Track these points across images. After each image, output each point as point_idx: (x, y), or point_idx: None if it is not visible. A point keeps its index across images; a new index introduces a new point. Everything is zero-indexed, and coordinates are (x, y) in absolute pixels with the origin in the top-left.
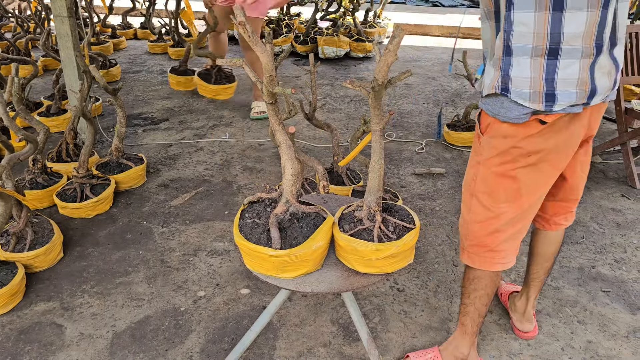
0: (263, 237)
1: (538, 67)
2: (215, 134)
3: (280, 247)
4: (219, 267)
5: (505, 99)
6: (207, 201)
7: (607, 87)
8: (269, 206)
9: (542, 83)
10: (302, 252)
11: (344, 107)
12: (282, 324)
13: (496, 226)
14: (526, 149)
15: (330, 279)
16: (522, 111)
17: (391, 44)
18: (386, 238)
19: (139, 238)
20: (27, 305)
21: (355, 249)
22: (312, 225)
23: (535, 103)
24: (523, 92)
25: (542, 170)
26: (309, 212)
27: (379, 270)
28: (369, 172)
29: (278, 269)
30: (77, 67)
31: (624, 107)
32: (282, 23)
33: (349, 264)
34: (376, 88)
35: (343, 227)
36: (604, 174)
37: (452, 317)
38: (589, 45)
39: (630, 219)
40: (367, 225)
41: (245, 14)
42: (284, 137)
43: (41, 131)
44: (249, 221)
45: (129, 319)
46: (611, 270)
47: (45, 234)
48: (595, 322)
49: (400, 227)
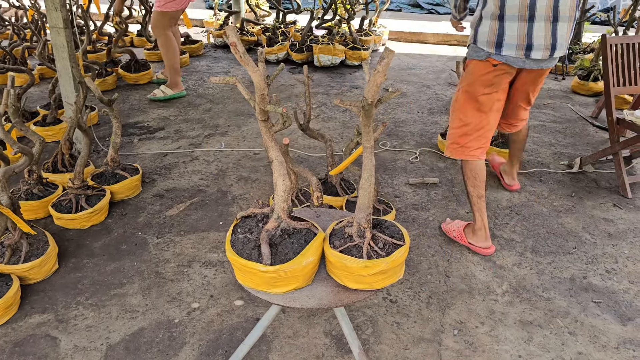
0: (254, 252)
1: (494, 26)
2: (211, 143)
3: (271, 262)
4: (213, 278)
5: (474, 46)
6: (202, 211)
7: (543, 46)
8: (260, 221)
9: (495, 35)
10: (292, 268)
11: (338, 115)
12: (275, 335)
13: (465, 130)
14: (484, 82)
15: (320, 295)
16: (483, 53)
17: (380, 64)
18: (375, 255)
19: (134, 249)
20: (22, 318)
21: (345, 265)
22: (302, 241)
23: (490, 48)
24: (484, 40)
25: (492, 97)
26: (300, 228)
27: (368, 286)
28: (359, 190)
29: (268, 284)
30: (72, 78)
31: (615, 117)
32: (278, 31)
33: (339, 280)
34: (366, 107)
35: (333, 243)
36: (596, 184)
37: (444, 329)
38: (523, 14)
39: (622, 229)
40: (357, 241)
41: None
42: (276, 154)
43: (37, 142)
44: (240, 236)
45: (123, 331)
46: (602, 281)
47: (40, 245)
48: (586, 333)
49: (390, 244)
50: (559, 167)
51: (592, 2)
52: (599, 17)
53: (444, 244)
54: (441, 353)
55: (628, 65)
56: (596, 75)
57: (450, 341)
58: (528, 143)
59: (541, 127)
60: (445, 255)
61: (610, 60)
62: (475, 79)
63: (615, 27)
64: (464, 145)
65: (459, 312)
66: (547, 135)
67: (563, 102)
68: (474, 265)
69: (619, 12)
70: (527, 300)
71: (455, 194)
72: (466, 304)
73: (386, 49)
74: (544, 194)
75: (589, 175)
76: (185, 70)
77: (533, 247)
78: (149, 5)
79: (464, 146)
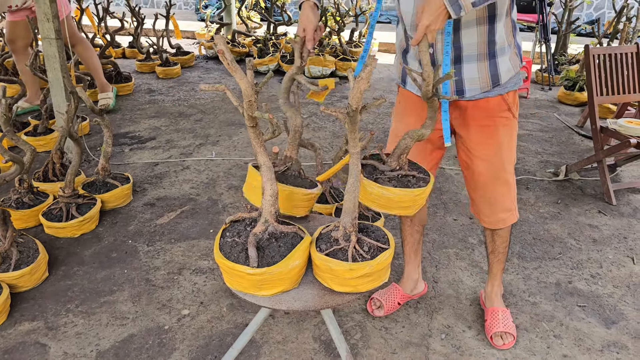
0: (242, 255)
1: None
2: (202, 152)
3: (258, 265)
4: (204, 285)
5: (519, 72)
6: (193, 220)
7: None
8: (249, 225)
9: None
10: (279, 271)
11: (329, 125)
12: (264, 341)
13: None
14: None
15: (306, 297)
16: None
17: (363, 72)
18: (360, 258)
19: (124, 257)
20: (12, 325)
21: (330, 268)
22: (289, 245)
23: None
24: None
25: None
26: (287, 231)
27: (353, 289)
28: (345, 193)
29: (255, 286)
30: (64, 88)
31: (599, 125)
32: (269, 43)
33: (324, 283)
34: (351, 114)
35: (320, 247)
36: (582, 191)
37: (432, 333)
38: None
39: (607, 234)
40: (342, 245)
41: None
42: (265, 159)
43: (27, 151)
44: (229, 240)
45: (113, 337)
46: (587, 285)
47: (31, 253)
48: (571, 337)
49: (375, 248)
50: (545, 174)
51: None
52: (584, 29)
53: (432, 250)
54: (429, 357)
55: (611, 75)
56: (581, 85)
57: (437, 345)
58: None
59: (528, 136)
60: (433, 262)
61: (593, 70)
62: None
63: (599, 39)
64: None
65: (447, 317)
66: (533, 144)
67: (549, 112)
68: (461, 271)
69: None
70: (513, 305)
71: (443, 201)
72: (454, 309)
73: (369, 57)
74: (530, 201)
75: (574, 183)
76: (177, 81)
77: (519, 252)
78: (141, 17)
79: None
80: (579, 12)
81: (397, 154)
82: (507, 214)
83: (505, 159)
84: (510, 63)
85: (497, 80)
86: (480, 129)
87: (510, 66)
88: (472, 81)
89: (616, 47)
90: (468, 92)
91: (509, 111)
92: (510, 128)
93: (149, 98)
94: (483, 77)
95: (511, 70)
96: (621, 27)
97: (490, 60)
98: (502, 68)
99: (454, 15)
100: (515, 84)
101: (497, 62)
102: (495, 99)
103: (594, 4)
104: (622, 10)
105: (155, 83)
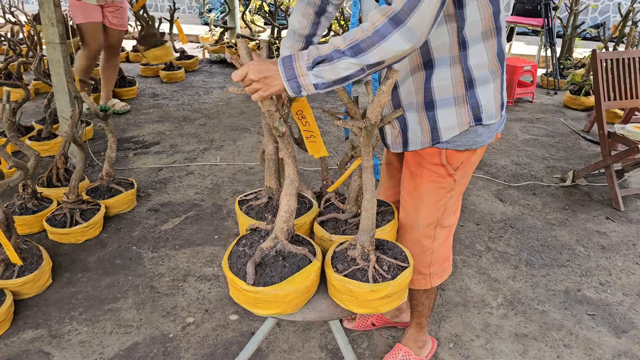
0: (244, 268)
1: (497, 86)
2: (206, 157)
3: (254, 283)
4: (208, 292)
5: (480, 126)
6: (197, 226)
7: None
8: (263, 237)
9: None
10: (273, 293)
11: (333, 130)
12: (270, 350)
13: (451, 237)
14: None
15: (320, 307)
16: (494, 129)
17: (384, 85)
18: (381, 278)
19: (129, 263)
20: (15, 333)
21: (350, 290)
22: (295, 267)
23: (498, 116)
24: (492, 113)
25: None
26: (295, 252)
27: (373, 310)
28: (361, 211)
29: (251, 303)
30: (68, 93)
31: (607, 130)
32: (273, 47)
33: (342, 304)
34: (369, 128)
35: (336, 267)
36: (589, 197)
37: (440, 342)
38: None
39: (615, 241)
40: (361, 265)
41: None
42: (291, 172)
43: (31, 157)
44: (240, 249)
45: (117, 346)
46: (596, 293)
47: (34, 260)
48: (581, 346)
49: (395, 266)
50: (552, 180)
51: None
52: (590, 33)
53: None
54: None
55: (618, 80)
56: (587, 89)
57: (446, 354)
58: (521, 157)
59: (534, 141)
60: None
61: (601, 75)
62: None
63: (605, 43)
64: (450, 255)
65: (454, 325)
66: (540, 149)
67: (555, 117)
68: (468, 279)
69: (608, 28)
70: (522, 313)
71: None
72: (461, 317)
73: (390, 69)
74: (537, 207)
75: (581, 189)
76: (181, 85)
77: (527, 260)
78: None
79: (450, 255)
80: (584, 16)
81: (353, 198)
82: (417, 276)
83: (422, 217)
84: (457, 119)
85: (437, 136)
86: (410, 175)
87: (456, 122)
88: (414, 133)
89: (624, 51)
90: (411, 146)
91: (442, 167)
92: (438, 186)
93: (152, 102)
94: (423, 130)
95: (456, 128)
96: (627, 31)
97: (427, 112)
98: (444, 123)
99: (292, 94)
100: (464, 144)
101: (435, 115)
102: (430, 149)
103: (599, 7)
104: (627, 14)
105: (159, 87)
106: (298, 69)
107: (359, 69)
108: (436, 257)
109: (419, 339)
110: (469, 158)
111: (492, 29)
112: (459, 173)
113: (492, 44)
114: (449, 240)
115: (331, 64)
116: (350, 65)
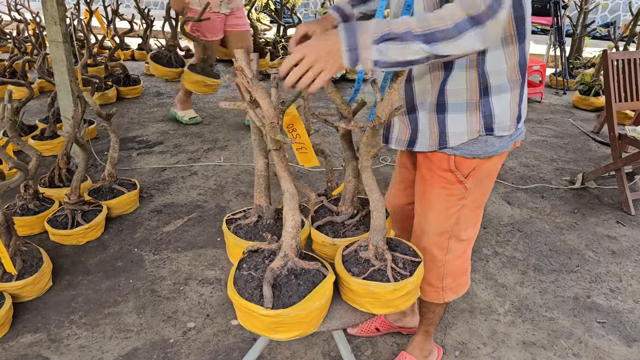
0: (256, 293)
1: (515, 98)
2: (210, 157)
3: (273, 306)
4: (210, 296)
5: (491, 136)
6: (200, 227)
7: None
8: (267, 258)
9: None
10: (295, 314)
11: None
12: (272, 357)
13: (469, 250)
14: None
15: (339, 314)
16: (508, 140)
17: (395, 82)
18: (399, 276)
19: (130, 266)
20: (14, 337)
21: (372, 292)
22: (310, 283)
23: (513, 129)
24: (505, 125)
25: None
26: (308, 268)
27: (395, 309)
28: (371, 211)
29: (270, 329)
30: (71, 92)
31: (617, 132)
32: (279, 45)
33: (362, 308)
34: (377, 127)
35: (351, 271)
36: (599, 200)
37: (446, 349)
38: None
39: (626, 246)
40: (377, 265)
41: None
42: (289, 186)
43: (33, 157)
44: (245, 273)
45: (116, 351)
46: (606, 300)
47: (35, 262)
48: (591, 355)
49: (409, 262)
50: (561, 183)
51: (593, 17)
52: (600, 32)
53: None
54: None
55: (629, 81)
56: (597, 90)
57: None
58: (529, 158)
59: (542, 142)
60: None
61: (612, 75)
62: (493, 177)
63: (615, 42)
64: (468, 269)
65: (461, 333)
66: (548, 151)
67: (564, 117)
68: (475, 284)
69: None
70: (529, 320)
71: None
72: (468, 324)
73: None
74: (546, 210)
75: (591, 192)
76: None
77: (535, 265)
78: (150, 19)
79: (468, 270)
80: (594, 15)
81: (348, 199)
82: (428, 287)
83: (431, 223)
84: (467, 126)
85: (445, 141)
86: (421, 179)
87: (465, 129)
88: (422, 134)
89: (635, 51)
90: (418, 146)
91: (451, 173)
92: (448, 193)
93: (157, 101)
94: (432, 132)
95: (464, 135)
96: (638, 30)
97: (438, 114)
98: (452, 128)
99: (347, 64)
100: (472, 153)
101: (445, 118)
102: (439, 154)
103: (609, 6)
104: (638, 13)
105: (164, 86)
106: (362, 40)
107: (426, 56)
108: (449, 270)
109: (425, 347)
110: (480, 166)
111: (514, 35)
112: (470, 181)
113: (512, 51)
114: (465, 254)
115: (402, 45)
116: (420, 51)
